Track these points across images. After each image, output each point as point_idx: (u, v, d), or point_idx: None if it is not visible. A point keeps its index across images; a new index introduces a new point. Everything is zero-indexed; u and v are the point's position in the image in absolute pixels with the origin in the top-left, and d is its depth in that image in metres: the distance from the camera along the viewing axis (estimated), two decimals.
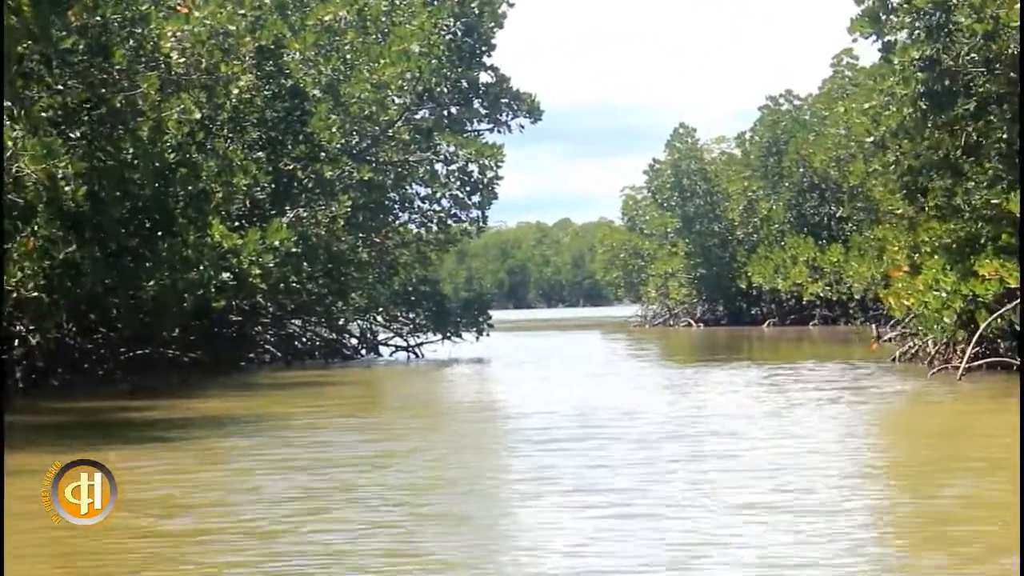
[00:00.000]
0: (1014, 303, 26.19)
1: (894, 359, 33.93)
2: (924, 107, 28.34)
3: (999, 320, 26.72)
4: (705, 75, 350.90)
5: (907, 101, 28.56)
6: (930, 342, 31.95)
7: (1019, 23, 25.30)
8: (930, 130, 29.00)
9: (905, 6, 28.07)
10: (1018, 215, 25.74)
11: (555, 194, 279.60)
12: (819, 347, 47.75)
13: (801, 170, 68.61)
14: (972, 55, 27.27)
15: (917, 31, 28.17)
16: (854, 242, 58.58)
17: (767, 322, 71.18)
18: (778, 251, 67.33)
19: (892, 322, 53.25)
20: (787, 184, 70.19)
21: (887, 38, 29.32)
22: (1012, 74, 26.49)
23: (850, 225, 64.22)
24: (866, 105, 32.35)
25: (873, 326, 56.95)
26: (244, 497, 14.70)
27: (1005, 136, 27.08)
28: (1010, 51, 25.90)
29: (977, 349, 27.54)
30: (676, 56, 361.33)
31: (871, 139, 31.45)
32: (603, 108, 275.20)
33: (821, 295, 62.55)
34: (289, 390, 31.18)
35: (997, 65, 27.07)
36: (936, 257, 30.89)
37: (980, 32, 25.97)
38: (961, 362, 28.01)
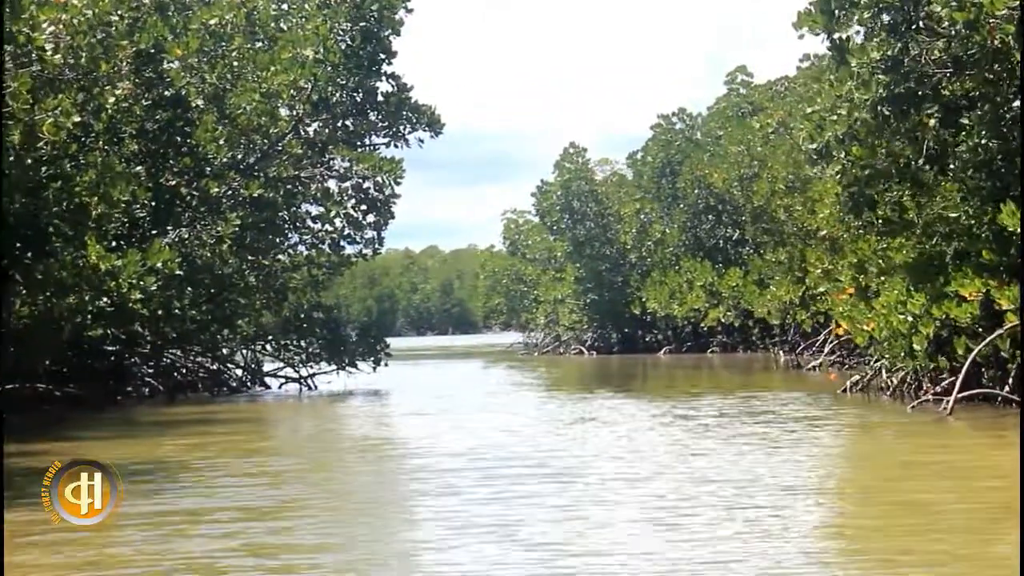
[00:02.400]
0: (1007, 327, 23.48)
1: (845, 390, 31.11)
2: (886, 112, 25.74)
3: (982, 347, 24.03)
4: (572, 103, 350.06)
5: (866, 106, 25.92)
6: (883, 371, 29.41)
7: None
8: (888, 137, 26.42)
9: (864, 0, 25.40)
10: (1005, 229, 23.15)
11: (421, 221, 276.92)
12: (745, 376, 45.02)
13: (697, 191, 66.18)
14: (940, 54, 24.71)
15: (877, 28, 25.55)
16: (754, 265, 56.40)
17: (664, 349, 68.58)
18: (673, 275, 64.91)
19: (800, 348, 51.11)
20: (682, 206, 67.74)
21: (838, 35, 26.67)
22: (992, 70, 23.89)
23: (747, 248, 62.04)
24: (808, 110, 29.78)
25: (780, 351, 54.86)
26: (120, 572, 11.92)
27: (982, 142, 24.48)
28: (994, 43, 23.19)
29: (953, 379, 24.92)
30: (544, 84, 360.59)
31: (813, 146, 28.62)
32: (470, 135, 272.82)
33: (723, 321, 60.16)
34: (172, 429, 27.75)
35: (970, 64, 24.48)
36: (889, 277, 28.51)
37: (960, 21, 23.13)
38: (933, 391, 25.52)
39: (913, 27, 24.78)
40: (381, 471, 20.22)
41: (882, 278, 29.50)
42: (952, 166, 25.93)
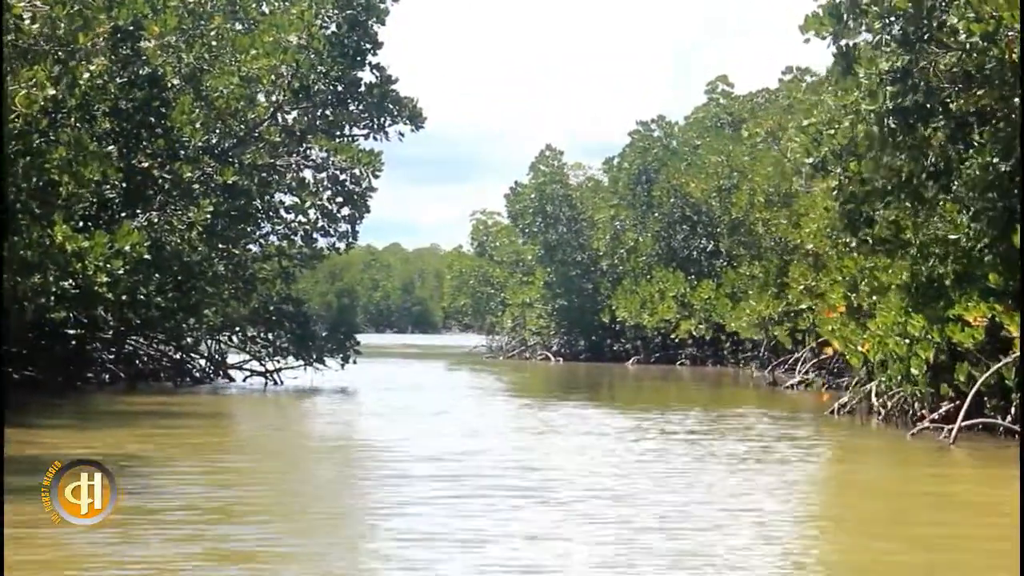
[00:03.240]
0: (1014, 356, 22.56)
1: (833, 411, 30.12)
2: (893, 125, 24.79)
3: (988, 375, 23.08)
4: (544, 109, 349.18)
5: (871, 118, 24.96)
6: (874, 393, 28.50)
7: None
8: (890, 152, 25.48)
9: (875, 9, 24.40)
10: (1013, 252, 22.28)
11: (384, 218, 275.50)
12: (720, 391, 44.10)
13: (673, 200, 65.25)
14: (952, 69, 23.76)
15: (887, 37, 24.55)
16: (727, 278, 55.68)
17: (632, 359, 67.61)
18: (645, 285, 64.02)
19: (773, 364, 50.24)
20: (657, 214, 66.79)
21: (844, 41, 25.65)
22: (1008, 85, 22.89)
23: (721, 261, 61.32)
24: (805, 122, 28.92)
25: (752, 367, 54.08)
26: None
27: (992, 161, 23.54)
28: (1012, 56, 22.23)
29: (951, 407, 24.03)
30: (516, 88, 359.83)
31: (810, 160, 27.73)
32: (437, 135, 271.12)
33: (694, 333, 59.28)
34: (131, 421, 26.58)
35: (983, 79, 23.53)
36: (882, 297, 27.66)
37: (978, 33, 22.15)
38: (931, 419, 24.61)
39: (925, 38, 23.84)
40: (345, 476, 19.40)
41: (874, 298, 28.67)
42: (955, 184, 25.03)
